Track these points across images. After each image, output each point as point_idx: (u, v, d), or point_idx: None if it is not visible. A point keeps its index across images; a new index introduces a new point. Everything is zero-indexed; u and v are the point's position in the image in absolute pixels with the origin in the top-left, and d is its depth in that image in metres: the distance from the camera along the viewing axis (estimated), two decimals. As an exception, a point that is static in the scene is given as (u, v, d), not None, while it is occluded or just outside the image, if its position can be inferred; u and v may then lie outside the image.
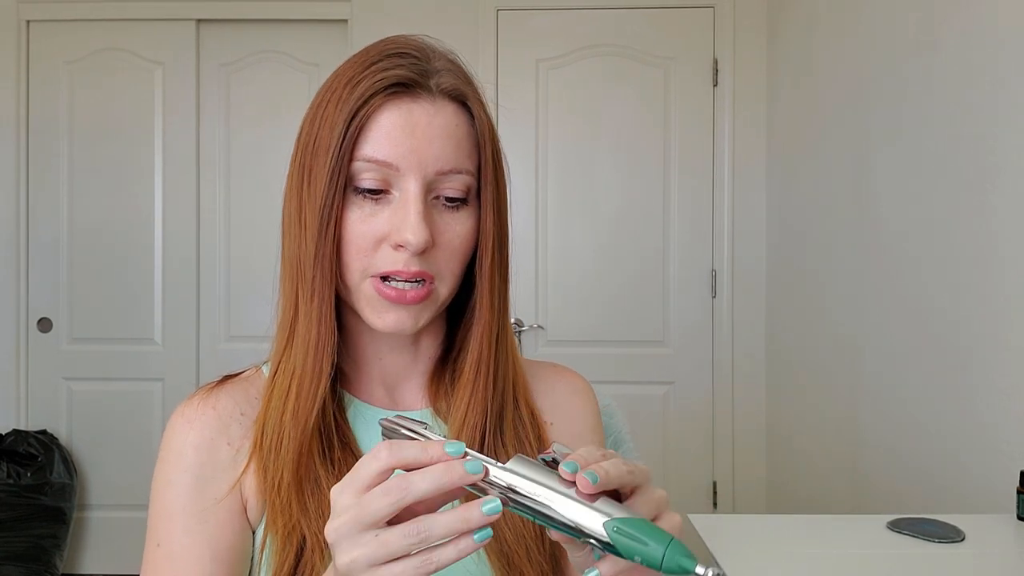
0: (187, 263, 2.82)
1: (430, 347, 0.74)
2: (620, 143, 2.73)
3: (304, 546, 0.62)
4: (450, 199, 0.65)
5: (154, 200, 2.82)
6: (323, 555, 0.61)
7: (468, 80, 0.68)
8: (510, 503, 0.47)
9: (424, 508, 0.47)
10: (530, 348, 2.74)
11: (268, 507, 0.65)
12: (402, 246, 0.62)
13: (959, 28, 1.53)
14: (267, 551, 0.64)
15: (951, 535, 1.13)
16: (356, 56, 0.66)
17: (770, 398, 2.66)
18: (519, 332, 2.73)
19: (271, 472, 0.65)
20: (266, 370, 0.72)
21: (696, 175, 2.72)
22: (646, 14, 2.72)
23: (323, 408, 0.65)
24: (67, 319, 2.83)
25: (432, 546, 0.45)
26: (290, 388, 0.65)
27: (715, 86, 2.72)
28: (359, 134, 0.63)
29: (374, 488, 0.46)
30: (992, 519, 1.23)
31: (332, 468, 0.65)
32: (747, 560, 1.07)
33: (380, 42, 0.67)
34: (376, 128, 0.63)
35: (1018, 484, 1.23)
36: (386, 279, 0.64)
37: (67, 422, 2.83)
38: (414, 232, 0.61)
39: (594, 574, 0.46)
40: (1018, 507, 1.21)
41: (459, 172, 0.65)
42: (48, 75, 2.82)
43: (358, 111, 0.62)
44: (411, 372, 0.74)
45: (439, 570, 0.45)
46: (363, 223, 0.64)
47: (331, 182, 0.62)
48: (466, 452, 0.47)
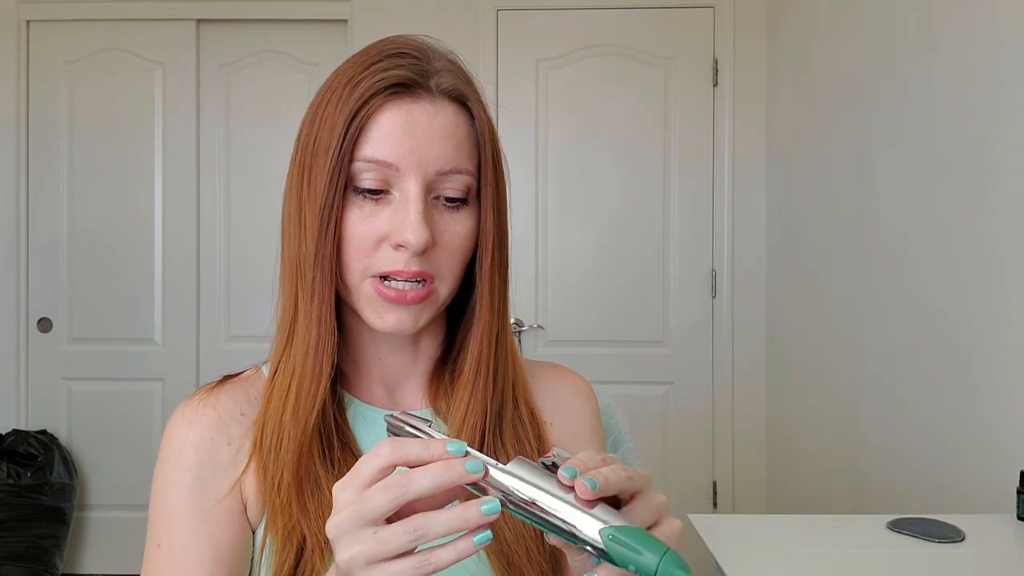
0: (187, 263, 2.82)
1: (430, 347, 0.74)
2: (620, 143, 2.73)
3: (304, 546, 0.62)
4: (450, 199, 0.65)
5: (154, 200, 2.82)
6: (323, 555, 0.61)
7: (468, 80, 0.68)
8: (508, 505, 0.47)
9: (424, 507, 0.47)
10: (530, 348, 2.73)
11: (268, 507, 0.65)
12: (402, 246, 0.63)
13: (959, 28, 1.53)
14: (267, 551, 0.64)
15: (951, 535, 1.13)
16: (356, 56, 0.66)
17: (770, 398, 2.66)
18: (519, 332, 2.73)
19: (271, 472, 0.65)
20: (266, 370, 0.72)
21: (696, 175, 2.72)
22: (646, 14, 2.72)
23: (323, 408, 0.65)
24: (67, 319, 2.83)
25: (431, 547, 0.45)
26: (290, 388, 0.65)
27: (715, 86, 2.72)
28: (359, 134, 0.63)
29: (375, 484, 0.46)
30: (992, 519, 1.23)
31: (332, 468, 0.65)
32: (747, 560, 1.07)
33: (380, 42, 0.67)
34: (376, 128, 0.63)
35: (1018, 484, 1.23)
36: (386, 279, 0.64)
37: (67, 422, 2.83)
38: (414, 232, 0.61)
39: None
40: (1018, 507, 1.21)
41: (459, 172, 0.65)
42: (48, 75, 2.82)
43: (358, 111, 0.62)
44: (411, 372, 0.74)
45: (438, 571, 0.45)
46: (363, 223, 0.64)
47: (331, 182, 0.62)
48: (467, 451, 0.47)
